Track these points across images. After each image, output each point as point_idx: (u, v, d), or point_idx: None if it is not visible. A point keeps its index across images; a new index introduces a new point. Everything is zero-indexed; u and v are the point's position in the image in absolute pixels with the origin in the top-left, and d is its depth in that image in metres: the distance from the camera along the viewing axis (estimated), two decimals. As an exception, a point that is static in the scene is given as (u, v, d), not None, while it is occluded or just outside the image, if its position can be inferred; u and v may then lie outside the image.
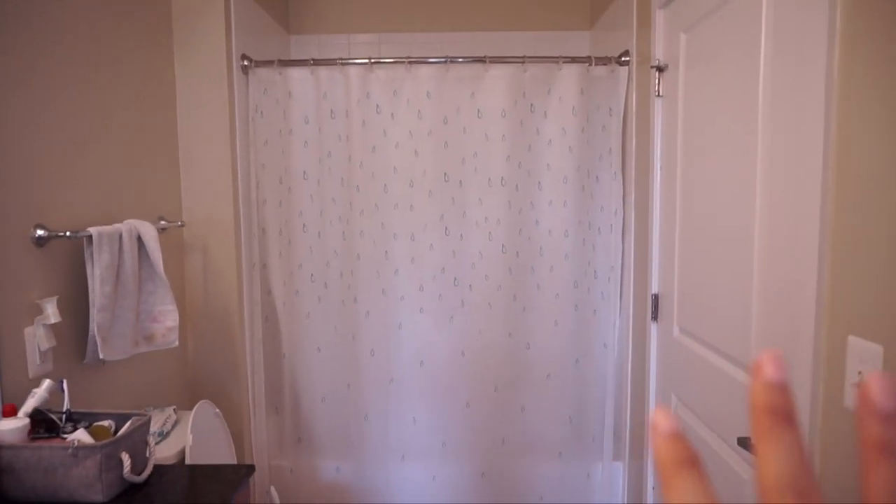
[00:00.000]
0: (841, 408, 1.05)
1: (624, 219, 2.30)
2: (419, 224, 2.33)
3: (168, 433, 1.80)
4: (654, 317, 2.02)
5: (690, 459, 0.23)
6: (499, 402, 2.39)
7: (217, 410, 1.97)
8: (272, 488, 2.22)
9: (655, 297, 2.01)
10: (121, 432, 1.26)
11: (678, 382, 1.83)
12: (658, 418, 0.24)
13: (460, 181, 2.32)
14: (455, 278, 2.37)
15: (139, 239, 1.71)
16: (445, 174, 2.31)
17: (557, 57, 2.24)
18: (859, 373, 1.00)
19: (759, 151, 1.33)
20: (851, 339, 1.02)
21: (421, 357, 2.40)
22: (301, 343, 2.39)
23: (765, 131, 1.31)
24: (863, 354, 0.99)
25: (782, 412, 0.22)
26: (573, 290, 2.35)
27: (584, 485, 2.41)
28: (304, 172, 2.33)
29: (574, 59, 2.25)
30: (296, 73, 2.28)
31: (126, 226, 1.67)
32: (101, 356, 1.56)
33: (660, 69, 1.92)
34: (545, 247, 2.34)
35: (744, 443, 1.33)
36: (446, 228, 2.34)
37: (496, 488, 2.41)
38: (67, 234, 1.50)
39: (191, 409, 1.86)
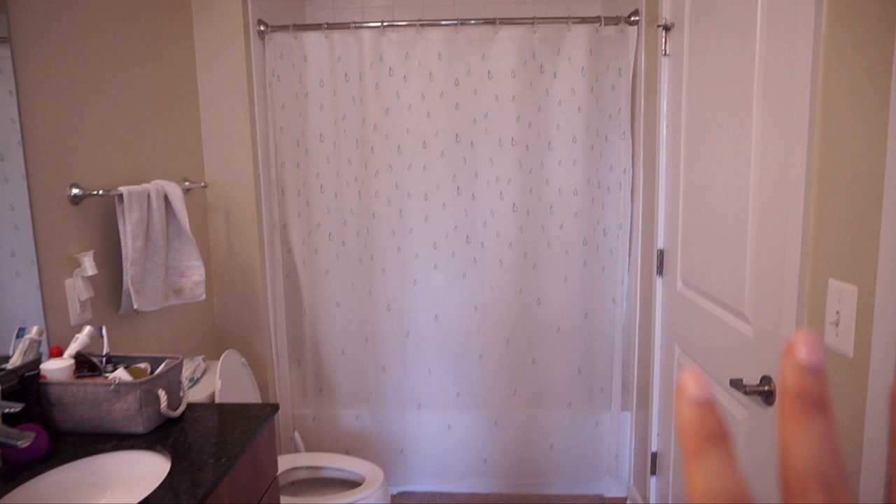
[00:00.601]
0: (822, 346, 1.12)
1: (633, 178, 2.35)
2: (432, 184, 2.41)
3: (198, 379, 1.93)
4: (660, 271, 2.08)
5: (719, 434, 0.20)
6: (510, 354, 2.49)
7: (243, 360, 2.10)
8: (296, 434, 2.37)
9: (661, 253, 2.07)
10: (157, 371, 1.38)
11: (681, 333, 1.90)
12: (686, 382, 0.21)
13: (472, 142, 2.38)
14: (467, 236, 2.44)
15: (166, 198, 1.81)
16: (457, 135, 2.37)
17: (567, 17, 2.27)
18: (837, 312, 1.06)
19: (753, 112, 1.38)
20: (831, 281, 1.09)
21: (435, 312, 2.50)
22: (321, 299, 2.51)
23: (759, 93, 1.36)
24: (841, 294, 1.05)
25: (814, 398, 0.20)
26: (582, 248, 2.42)
27: (593, 433, 2.52)
28: (321, 135, 2.40)
29: (584, 20, 2.27)
30: (310, 38, 2.34)
31: (154, 185, 1.77)
32: (134, 306, 1.68)
33: (667, 28, 1.95)
34: (555, 205, 2.40)
35: (735, 384, 1.41)
36: (458, 188, 2.41)
37: (508, 436, 2.53)
38: (100, 192, 1.61)
39: (218, 359, 1.98)
